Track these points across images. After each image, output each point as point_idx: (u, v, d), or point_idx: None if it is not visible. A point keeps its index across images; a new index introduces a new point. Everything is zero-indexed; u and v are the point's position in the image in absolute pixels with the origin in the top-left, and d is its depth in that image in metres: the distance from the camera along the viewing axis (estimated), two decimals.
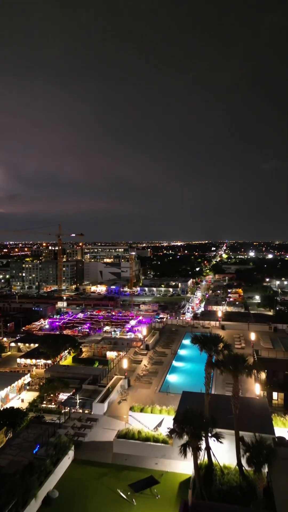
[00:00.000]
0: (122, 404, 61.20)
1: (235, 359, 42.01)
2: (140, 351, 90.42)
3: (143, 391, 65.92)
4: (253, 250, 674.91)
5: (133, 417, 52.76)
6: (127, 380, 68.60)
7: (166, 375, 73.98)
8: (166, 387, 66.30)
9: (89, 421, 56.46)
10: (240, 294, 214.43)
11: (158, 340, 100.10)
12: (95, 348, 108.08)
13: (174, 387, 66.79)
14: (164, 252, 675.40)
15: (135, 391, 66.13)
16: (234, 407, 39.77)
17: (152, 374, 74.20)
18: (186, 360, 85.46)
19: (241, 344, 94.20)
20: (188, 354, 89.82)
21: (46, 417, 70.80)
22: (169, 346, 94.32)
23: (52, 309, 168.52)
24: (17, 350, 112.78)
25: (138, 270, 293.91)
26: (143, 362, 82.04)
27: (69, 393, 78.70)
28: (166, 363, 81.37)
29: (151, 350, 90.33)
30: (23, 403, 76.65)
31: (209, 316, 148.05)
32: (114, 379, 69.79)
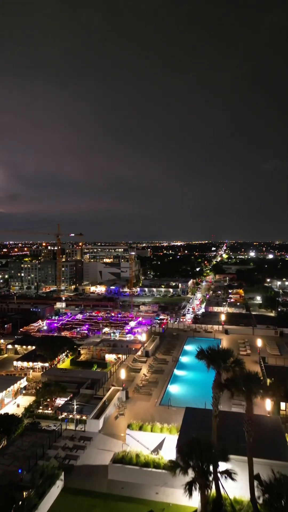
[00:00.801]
0: (119, 420, 57.27)
1: (249, 379, 37.02)
2: (139, 358, 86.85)
3: (142, 404, 61.87)
4: (253, 250, 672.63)
5: (131, 436, 48.70)
6: (125, 392, 65.05)
7: (167, 386, 70.14)
8: (167, 399, 62.50)
9: (82, 440, 52.09)
10: (241, 295, 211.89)
11: (158, 345, 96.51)
12: (94, 351, 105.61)
13: (176, 400, 63.02)
14: (164, 252, 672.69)
15: (133, 404, 62.52)
16: (248, 434, 35.48)
17: (152, 384, 70.54)
18: (188, 368, 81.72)
19: (246, 351, 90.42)
20: (190, 362, 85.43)
21: (42, 423, 68.30)
22: (170, 352, 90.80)
23: (51, 310, 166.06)
24: (14, 352, 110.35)
25: (138, 270, 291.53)
26: (143, 370, 78.63)
27: (66, 398, 76.30)
28: (167, 371, 77.79)
29: (151, 357, 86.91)
30: (19, 408, 74.13)
31: (210, 318, 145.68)
32: (111, 391, 66.09)
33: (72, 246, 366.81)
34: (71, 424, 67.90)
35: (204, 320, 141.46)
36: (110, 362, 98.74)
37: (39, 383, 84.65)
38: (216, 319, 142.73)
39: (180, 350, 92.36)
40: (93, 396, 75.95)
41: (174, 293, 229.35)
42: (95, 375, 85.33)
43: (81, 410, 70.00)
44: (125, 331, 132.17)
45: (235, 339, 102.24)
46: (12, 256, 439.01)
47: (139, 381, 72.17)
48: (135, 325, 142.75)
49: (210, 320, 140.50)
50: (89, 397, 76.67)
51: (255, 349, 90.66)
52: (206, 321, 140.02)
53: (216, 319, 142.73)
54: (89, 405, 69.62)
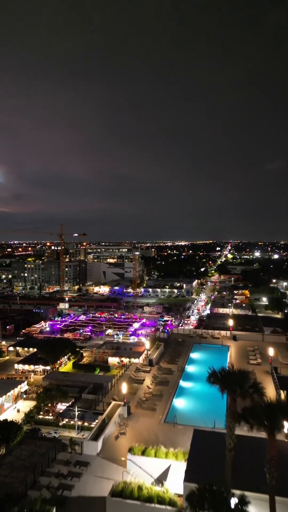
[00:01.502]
0: (120, 440, 52.72)
1: (272, 411, 30.56)
2: (142, 368, 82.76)
3: (146, 422, 57.52)
4: (258, 250, 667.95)
5: (133, 462, 43.91)
6: (126, 408, 60.45)
7: (172, 400, 65.69)
8: (172, 416, 58.23)
9: (78, 466, 47.18)
10: (247, 296, 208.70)
11: (163, 353, 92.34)
12: (97, 353, 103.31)
13: (182, 416, 58.18)
14: (169, 252, 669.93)
15: (136, 421, 58.20)
16: (270, 475, 30.45)
17: (156, 398, 66.25)
18: (194, 379, 77.11)
19: (256, 360, 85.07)
20: (197, 371, 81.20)
21: (42, 429, 66.04)
22: (175, 361, 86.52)
23: (54, 311, 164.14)
24: (16, 355, 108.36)
25: (142, 270, 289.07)
26: (146, 381, 74.60)
27: (68, 403, 74.05)
28: (172, 383, 73.46)
29: (155, 366, 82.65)
30: (19, 414, 71.97)
31: (215, 319, 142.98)
32: (111, 406, 61.28)
33: (76, 246, 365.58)
34: (72, 431, 65.92)
35: (209, 322, 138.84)
36: (113, 365, 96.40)
37: (40, 387, 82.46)
38: (221, 320, 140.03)
39: (186, 359, 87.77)
40: (94, 401, 74.07)
41: (179, 293, 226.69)
42: (98, 379, 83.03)
43: (83, 417, 67.92)
44: (129, 333, 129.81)
45: (244, 346, 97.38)
46: (16, 256, 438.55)
47: (142, 394, 68.07)
48: (139, 326, 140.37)
49: (216, 322, 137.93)
50: (91, 402, 74.35)
51: (266, 358, 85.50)
52: (211, 322, 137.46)
53: (221, 320, 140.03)
54: (91, 412, 67.52)
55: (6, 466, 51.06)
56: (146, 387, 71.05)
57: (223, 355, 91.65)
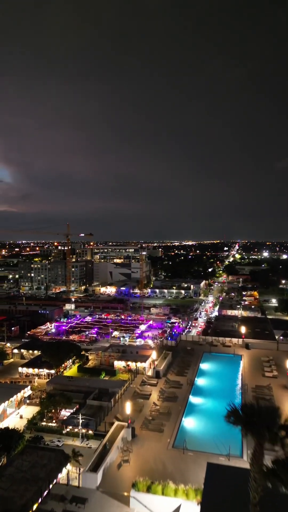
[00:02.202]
0: (123, 469, 46.89)
1: None
2: (148, 380, 77.81)
3: (152, 446, 52.15)
4: (266, 250, 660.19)
5: (137, 500, 38.53)
6: (130, 430, 55.33)
7: (181, 419, 60.18)
8: (182, 439, 52.16)
9: (74, 503, 42.10)
10: (256, 297, 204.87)
11: (170, 363, 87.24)
12: (102, 357, 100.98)
13: (192, 440, 52.78)
14: (176, 252, 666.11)
15: (141, 445, 52.71)
16: None
17: (164, 417, 61.32)
18: (205, 394, 72.19)
19: (272, 371, 79.06)
20: (208, 385, 76.46)
21: (45, 437, 63.85)
22: (184, 372, 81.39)
23: (60, 312, 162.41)
24: (20, 357, 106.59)
25: (148, 270, 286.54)
26: (153, 396, 69.93)
27: (72, 410, 71.73)
28: (181, 398, 68.43)
29: (163, 379, 77.60)
30: (22, 420, 69.79)
31: (224, 322, 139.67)
32: (114, 428, 55.80)
33: (83, 245, 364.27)
34: (75, 440, 63.64)
35: (217, 324, 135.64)
36: (119, 369, 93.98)
37: (44, 391, 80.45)
38: (230, 323, 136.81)
39: (195, 370, 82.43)
40: (100, 408, 71.73)
41: (186, 294, 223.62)
42: (103, 385, 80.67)
43: (87, 424, 65.60)
44: (135, 335, 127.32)
45: (258, 355, 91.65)
46: (22, 255, 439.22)
47: (148, 412, 63.08)
48: (145, 328, 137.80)
49: (224, 324, 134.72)
50: (96, 408, 72.10)
51: (283, 370, 79.12)
52: (219, 325, 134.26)
53: (230, 323, 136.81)
54: (94, 419, 65.06)
55: (6, 478, 48.83)
56: (152, 404, 66.22)
57: (235, 365, 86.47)
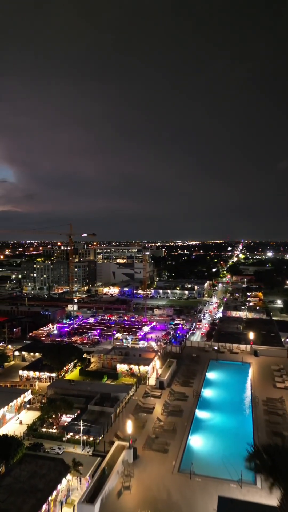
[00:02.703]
0: (123, 499, 42.31)
1: None
2: (152, 391, 73.26)
3: (155, 469, 47.66)
4: (270, 250, 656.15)
5: None
6: (132, 452, 50.50)
7: (187, 437, 55.69)
8: (188, 462, 47.69)
9: None
10: (261, 298, 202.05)
11: (175, 372, 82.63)
12: (105, 359, 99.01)
13: (200, 462, 47.80)
14: (179, 252, 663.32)
15: (143, 468, 47.93)
16: None
17: (168, 434, 56.83)
18: (213, 407, 67.09)
19: (284, 382, 73.61)
20: (216, 397, 71.39)
21: (45, 444, 61.90)
22: (190, 382, 76.82)
23: (62, 313, 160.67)
24: (21, 360, 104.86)
25: (152, 271, 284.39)
26: (156, 410, 65.30)
27: (73, 415, 69.74)
28: (186, 412, 63.53)
29: (167, 389, 73.12)
30: (21, 426, 67.89)
31: (229, 323, 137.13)
32: (114, 449, 51.09)
33: (86, 246, 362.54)
34: (76, 447, 61.65)
35: (222, 326, 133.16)
36: (122, 372, 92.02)
37: (45, 396, 78.60)
38: (234, 325, 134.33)
39: (201, 380, 77.80)
40: (101, 413, 69.75)
41: (190, 295, 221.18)
42: (105, 389, 78.57)
43: (88, 431, 63.60)
44: (138, 337, 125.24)
45: (267, 363, 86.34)
46: (25, 256, 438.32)
47: (151, 428, 58.85)
48: (148, 330, 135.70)
49: (229, 326, 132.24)
50: (97, 414, 70.01)
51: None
52: (224, 327, 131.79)
53: (234, 325, 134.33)
54: (97, 427, 63.02)
55: (4, 490, 46.88)
56: (156, 420, 61.75)
57: (244, 375, 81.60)
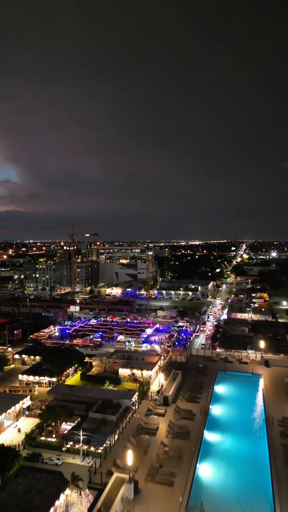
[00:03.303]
0: None
1: None
2: (155, 409, 67.73)
3: (160, 508, 41.47)
4: (274, 250, 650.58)
5: None
6: (132, 486, 44.72)
7: (196, 466, 49.20)
8: (197, 497, 41.37)
9: None
10: (266, 299, 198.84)
11: (180, 385, 77.26)
12: (107, 363, 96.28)
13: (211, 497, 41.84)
14: (182, 251, 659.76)
15: (146, 506, 41.73)
16: None
17: (174, 463, 50.46)
18: (223, 428, 60.65)
19: None
20: (225, 415, 65.62)
21: (44, 454, 59.37)
22: (197, 397, 71.40)
23: (64, 314, 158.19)
24: (21, 363, 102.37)
25: (155, 271, 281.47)
26: (160, 431, 59.60)
27: (73, 423, 67.14)
28: (194, 434, 57.62)
29: (172, 406, 67.99)
30: (19, 434, 65.34)
31: (234, 326, 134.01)
32: (112, 482, 45.52)
33: (90, 246, 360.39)
34: (76, 458, 59.02)
35: (227, 329, 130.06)
36: (124, 377, 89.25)
37: (45, 402, 76.06)
38: (240, 327, 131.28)
39: (209, 394, 71.92)
40: (103, 422, 67.01)
41: (194, 296, 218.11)
42: (107, 395, 75.84)
43: (89, 441, 60.90)
44: (141, 339, 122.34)
45: (280, 375, 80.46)
46: (28, 256, 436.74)
47: (154, 454, 52.79)
48: (152, 332, 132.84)
49: (234, 329, 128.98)
50: (98, 422, 67.27)
51: None
52: (229, 329, 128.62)
53: (240, 327, 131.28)
54: (99, 436, 60.31)
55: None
56: (160, 444, 55.78)
57: (255, 388, 76.44)
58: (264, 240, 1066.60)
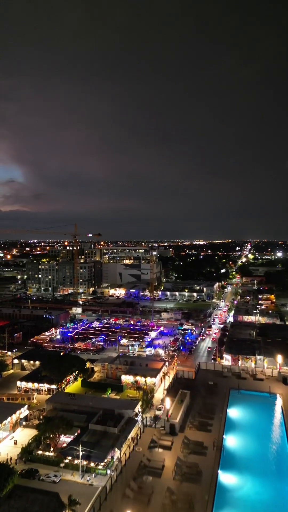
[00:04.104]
0: None
1: None
2: (160, 440, 59.09)
3: None
4: (280, 250, 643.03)
5: None
6: None
7: None
8: None
9: None
10: (273, 301, 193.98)
11: (189, 408, 69.28)
12: (109, 369, 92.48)
13: None
14: (187, 251, 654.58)
15: None
16: None
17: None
18: (241, 466, 50.93)
19: None
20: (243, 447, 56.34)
21: (41, 470, 55.60)
22: (208, 424, 62.92)
23: (66, 316, 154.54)
24: (21, 368, 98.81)
25: (159, 272, 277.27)
26: (166, 471, 51.14)
27: (72, 435, 63.30)
28: (207, 475, 48.54)
29: (179, 436, 59.60)
30: (15, 447, 61.63)
31: (241, 329, 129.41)
32: None
33: (93, 246, 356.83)
34: (75, 474, 55.20)
35: (233, 332, 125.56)
36: (127, 384, 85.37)
37: (43, 411, 72.36)
38: (247, 331, 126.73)
39: (222, 420, 63.36)
40: (104, 434, 62.98)
41: (199, 297, 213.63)
42: (108, 405, 71.91)
43: (89, 456, 57.05)
44: (145, 343, 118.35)
45: None
46: (31, 256, 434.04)
47: (159, 503, 44.67)
48: (156, 335, 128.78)
49: (241, 332, 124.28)
50: (99, 435, 63.37)
51: None
52: (236, 333, 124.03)
53: (247, 331, 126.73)
54: (99, 452, 56.31)
55: None
56: (166, 490, 47.07)
57: (274, 411, 68.15)
58: (268, 240, 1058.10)
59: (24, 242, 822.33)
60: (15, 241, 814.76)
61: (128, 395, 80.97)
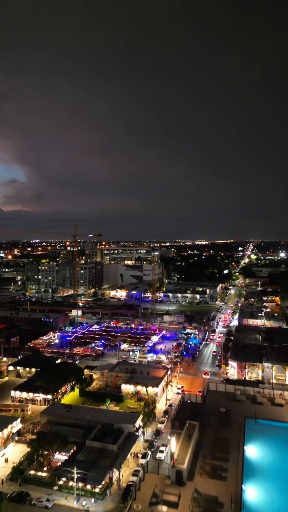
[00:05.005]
0: None
1: None
2: (165, 492, 49.36)
3: None
4: (282, 251, 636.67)
5: None
6: None
7: None
8: None
9: None
10: (278, 303, 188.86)
11: (198, 445, 59.46)
12: (108, 377, 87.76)
13: None
14: (189, 252, 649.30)
15: None
16: None
17: None
18: None
19: None
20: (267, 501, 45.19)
21: (32, 493, 50.89)
22: (222, 469, 53.06)
23: (65, 320, 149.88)
24: (16, 375, 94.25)
25: (161, 273, 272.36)
26: None
27: (68, 453, 58.60)
28: None
29: (188, 487, 49.71)
30: (6, 465, 57.10)
31: (246, 334, 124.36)
32: None
33: (94, 246, 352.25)
34: (69, 498, 50.48)
35: (238, 337, 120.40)
36: (127, 394, 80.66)
37: (37, 425, 67.78)
38: (252, 335, 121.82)
39: (240, 463, 53.25)
40: (102, 452, 58.25)
41: (202, 299, 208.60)
42: (107, 418, 67.16)
43: (85, 478, 52.29)
44: (146, 349, 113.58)
45: None
46: (32, 256, 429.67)
47: None
48: (158, 340, 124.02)
49: (246, 337, 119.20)
50: (97, 452, 58.74)
51: None
52: (241, 337, 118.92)
53: (252, 335, 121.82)
54: (94, 475, 51.39)
55: None
56: None
57: None
58: (271, 240, 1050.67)
59: (25, 242, 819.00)
60: (16, 241, 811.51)
61: (128, 405, 76.25)
